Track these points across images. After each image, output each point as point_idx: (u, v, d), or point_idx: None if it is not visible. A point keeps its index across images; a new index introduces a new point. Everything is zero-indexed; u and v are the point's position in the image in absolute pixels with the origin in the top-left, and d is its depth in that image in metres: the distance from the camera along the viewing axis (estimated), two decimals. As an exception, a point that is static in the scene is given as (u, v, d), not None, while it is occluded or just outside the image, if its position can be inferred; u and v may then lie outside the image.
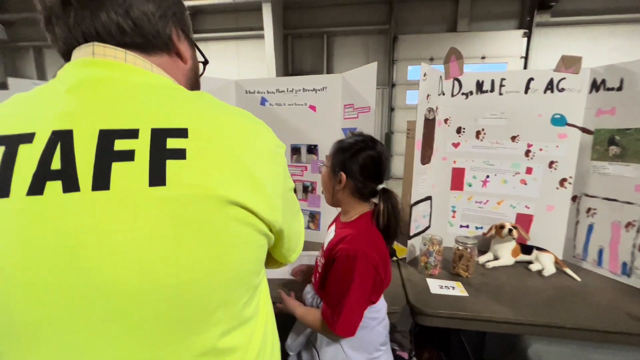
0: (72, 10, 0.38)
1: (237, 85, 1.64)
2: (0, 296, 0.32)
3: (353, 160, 0.81)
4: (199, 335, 0.37)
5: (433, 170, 1.50)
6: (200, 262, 0.34)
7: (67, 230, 0.31)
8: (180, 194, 0.33)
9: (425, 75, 1.29)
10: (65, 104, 0.34)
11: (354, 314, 0.76)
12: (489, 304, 1.09)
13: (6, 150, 0.32)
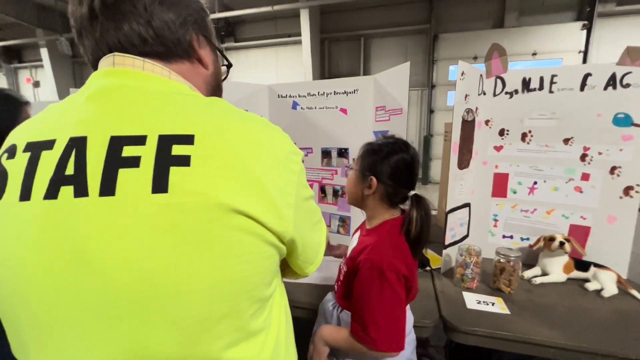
0: (98, 23, 0.39)
1: (270, 90, 1.67)
2: (23, 293, 0.34)
3: (384, 164, 0.77)
4: (202, 347, 0.36)
5: (472, 176, 1.40)
6: (201, 272, 0.34)
7: (76, 234, 0.32)
8: (182, 202, 0.32)
9: (463, 74, 1.21)
10: (84, 111, 0.36)
11: (395, 326, 0.71)
12: (535, 325, 0.98)
13: (31, 157, 0.34)
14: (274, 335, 0.46)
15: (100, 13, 0.39)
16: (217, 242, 0.34)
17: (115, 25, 0.39)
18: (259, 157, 0.38)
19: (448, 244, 1.31)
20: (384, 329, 0.70)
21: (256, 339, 0.42)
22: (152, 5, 0.41)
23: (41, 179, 0.33)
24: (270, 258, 0.41)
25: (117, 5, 0.39)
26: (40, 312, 0.33)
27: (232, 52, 8.27)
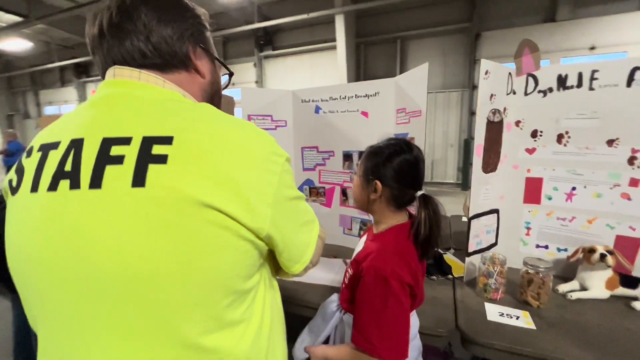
0: (106, 40, 0.45)
1: (294, 95, 1.71)
2: (32, 272, 0.40)
3: (387, 166, 0.76)
4: (179, 330, 0.39)
5: (500, 180, 1.32)
6: (172, 259, 0.37)
7: (69, 222, 0.37)
8: (157, 195, 0.36)
9: (487, 73, 1.15)
10: (84, 117, 0.42)
11: (399, 335, 0.70)
12: (563, 344, 0.89)
13: (42, 156, 0.40)
14: (255, 328, 0.48)
15: (107, 32, 0.45)
16: (188, 233, 0.37)
17: (119, 42, 0.45)
18: (234, 158, 0.41)
19: (472, 252, 1.25)
20: (388, 338, 0.69)
21: (234, 330, 0.45)
22: (150, 23, 0.46)
23: (47, 174, 0.39)
24: (246, 253, 0.43)
25: (120, 24, 0.45)
26: (44, 290, 0.39)
27: (270, 60, 8.58)
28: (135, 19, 0.45)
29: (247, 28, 7.45)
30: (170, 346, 0.40)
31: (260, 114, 1.65)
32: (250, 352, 0.47)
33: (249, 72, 8.76)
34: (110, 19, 0.44)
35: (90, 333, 0.39)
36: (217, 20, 8.84)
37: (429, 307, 1.09)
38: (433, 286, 1.25)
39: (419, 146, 0.82)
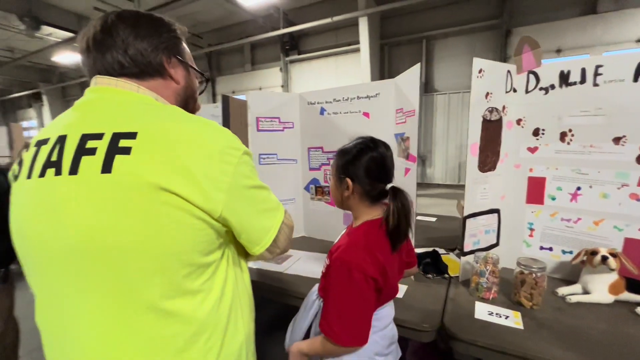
0: (91, 53, 0.55)
1: (300, 97, 1.79)
2: (28, 244, 0.50)
3: (356, 164, 0.80)
4: (142, 292, 0.47)
5: (500, 180, 1.30)
6: (133, 234, 0.45)
7: (53, 202, 0.46)
8: (121, 180, 0.45)
9: (482, 71, 1.16)
10: (69, 117, 0.51)
11: (357, 323, 0.74)
12: (549, 344, 0.88)
13: (36, 150, 0.50)
14: (214, 299, 0.55)
15: (92, 46, 0.54)
16: (147, 211, 0.45)
17: (102, 55, 0.54)
18: (191, 150, 0.48)
19: (468, 251, 1.24)
20: (347, 325, 0.73)
21: (193, 298, 0.52)
22: (128, 38, 0.55)
23: (38, 164, 0.48)
24: (201, 230, 0.50)
25: (103, 40, 0.54)
26: (35, 258, 0.49)
27: (296, 64, 8.76)
28: (114, 36, 0.54)
29: (274, 34, 7.68)
30: (136, 307, 0.48)
31: (268, 116, 1.74)
32: (208, 320, 0.54)
33: (275, 76, 9.01)
34: (95, 36, 0.54)
35: (72, 291, 0.48)
36: (245, 28, 9.15)
37: (418, 303, 1.11)
38: (427, 284, 1.26)
39: (386, 143, 0.85)
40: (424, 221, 2.18)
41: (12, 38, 8.87)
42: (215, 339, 0.56)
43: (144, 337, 0.49)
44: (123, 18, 0.56)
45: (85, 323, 0.49)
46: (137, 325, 0.49)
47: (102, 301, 0.47)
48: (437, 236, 1.81)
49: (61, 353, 0.53)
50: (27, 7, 6.17)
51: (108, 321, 0.48)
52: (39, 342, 0.55)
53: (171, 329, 0.51)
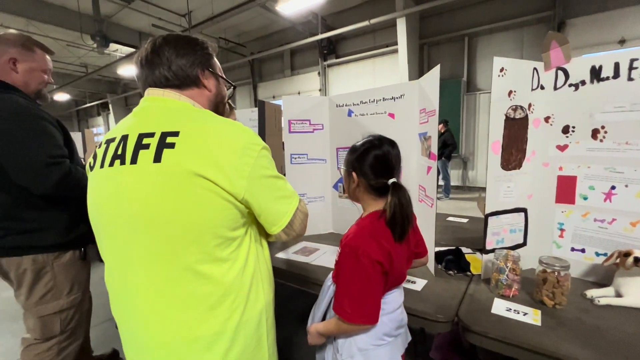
0: (143, 70, 0.70)
1: (330, 100, 1.89)
2: (101, 217, 0.66)
3: (361, 160, 0.88)
4: (182, 256, 0.61)
5: (527, 178, 1.28)
6: (176, 208, 0.58)
7: (119, 184, 0.61)
8: (167, 168, 0.58)
9: (503, 70, 1.16)
10: (129, 121, 0.67)
11: (365, 302, 0.81)
12: (566, 343, 0.87)
13: (106, 146, 0.66)
14: (238, 268, 0.67)
15: (145, 64, 0.69)
16: (186, 192, 0.58)
17: (151, 71, 0.69)
18: (219, 146, 0.61)
19: (490, 249, 1.24)
20: (356, 304, 0.80)
21: (222, 265, 0.64)
22: (171, 57, 0.69)
23: (108, 157, 0.64)
24: (227, 209, 0.62)
25: (151, 59, 0.69)
26: (105, 228, 0.65)
27: (334, 68, 8.91)
28: (161, 55, 0.69)
29: (312, 40, 7.90)
30: (178, 268, 0.61)
31: (300, 118, 1.87)
32: (234, 284, 0.66)
33: (313, 80, 9.24)
34: (146, 56, 0.69)
35: (131, 256, 0.63)
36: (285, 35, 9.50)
37: (435, 296, 1.14)
38: (448, 280, 1.28)
39: (393, 141, 0.92)
40: (455, 222, 2.16)
41: (86, 55, 10.14)
42: (239, 302, 0.68)
43: (184, 292, 0.62)
44: (167, 41, 0.71)
45: (141, 279, 0.63)
46: (179, 282, 0.62)
47: (153, 261, 0.61)
48: (467, 236, 1.80)
49: (123, 305, 0.68)
50: (99, 27, 7.05)
51: (157, 277, 0.62)
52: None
53: (205, 289, 0.63)
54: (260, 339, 0.74)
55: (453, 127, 6.74)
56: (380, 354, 0.86)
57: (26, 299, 1.25)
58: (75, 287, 1.34)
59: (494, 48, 6.72)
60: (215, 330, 0.66)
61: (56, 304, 1.29)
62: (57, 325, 1.31)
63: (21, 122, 1.12)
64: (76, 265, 1.32)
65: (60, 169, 1.15)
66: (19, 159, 1.10)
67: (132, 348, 0.71)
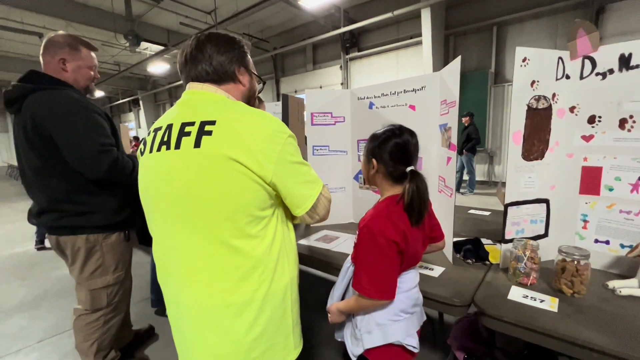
0: (187, 65, 0.78)
1: (351, 93, 1.93)
2: (150, 197, 0.76)
3: (382, 148, 0.93)
4: (217, 231, 0.69)
5: (550, 169, 1.28)
6: (213, 189, 0.67)
7: (165, 167, 0.71)
8: (206, 153, 0.66)
9: (526, 60, 1.17)
10: (173, 112, 0.76)
11: (382, 279, 0.87)
12: (581, 327, 0.89)
13: (153, 134, 0.75)
14: (266, 244, 0.75)
15: (189, 60, 0.77)
16: (221, 174, 0.66)
17: (195, 66, 0.77)
18: (250, 133, 0.68)
19: (509, 239, 1.26)
20: (374, 280, 0.86)
21: (252, 241, 0.72)
22: (212, 53, 0.77)
23: (156, 143, 0.73)
24: (257, 191, 0.70)
25: (195, 55, 0.77)
26: (153, 206, 0.75)
27: (356, 61, 8.86)
28: (204, 52, 0.76)
29: (334, 33, 7.89)
30: (214, 241, 0.70)
31: (322, 111, 1.93)
32: (262, 258, 0.74)
33: (335, 74, 9.23)
34: (191, 52, 0.77)
35: (174, 229, 0.72)
36: (308, 29, 9.53)
37: (452, 283, 1.18)
38: (466, 268, 1.31)
39: (412, 131, 0.97)
40: (476, 214, 2.15)
41: (119, 54, 10.66)
42: (267, 275, 0.76)
43: (219, 263, 0.71)
44: (210, 39, 0.78)
45: (183, 250, 0.72)
46: (215, 254, 0.71)
47: (193, 234, 0.70)
48: (488, 228, 1.80)
49: (169, 273, 0.78)
50: (130, 26, 7.40)
51: (197, 249, 0.71)
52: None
53: (236, 261, 0.72)
54: (285, 310, 0.81)
55: (479, 120, 6.55)
56: (396, 329, 0.91)
57: (79, 273, 1.41)
58: (120, 265, 1.49)
59: (525, 37, 6.43)
60: (246, 299, 0.74)
61: (104, 279, 1.45)
62: (104, 298, 1.47)
63: (76, 114, 1.27)
64: (121, 246, 1.48)
65: (109, 156, 1.28)
66: (76, 148, 1.24)
67: (176, 311, 0.80)
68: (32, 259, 3.59)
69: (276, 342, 0.80)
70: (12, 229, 4.84)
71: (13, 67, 11.05)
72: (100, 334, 1.49)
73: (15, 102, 1.30)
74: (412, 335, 0.94)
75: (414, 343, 0.93)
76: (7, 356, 1.94)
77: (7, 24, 7.91)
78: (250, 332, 0.75)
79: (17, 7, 6.82)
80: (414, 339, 0.94)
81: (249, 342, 0.75)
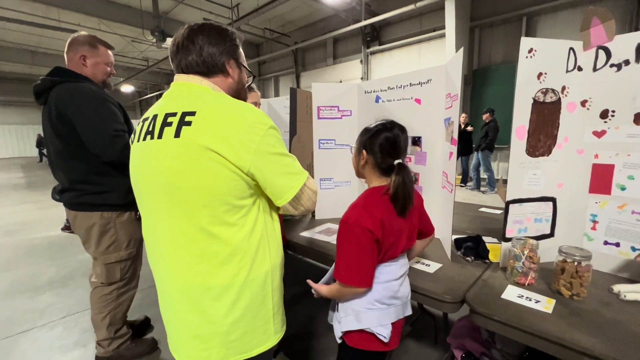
0: (178, 54, 0.80)
1: (358, 87, 1.92)
2: (137, 184, 0.80)
3: (373, 140, 0.94)
4: (196, 218, 0.73)
5: (557, 166, 1.22)
6: (192, 177, 0.70)
7: (151, 155, 0.74)
8: (185, 142, 0.70)
9: (532, 51, 1.12)
10: (160, 103, 0.79)
11: (359, 268, 0.89)
12: (575, 330, 0.86)
13: (142, 124, 0.79)
14: (245, 232, 0.77)
15: (180, 49, 0.79)
16: (199, 164, 0.69)
17: (185, 56, 0.79)
18: (229, 124, 0.70)
19: (509, 237, 1.22)
20: (350, 268, 0.89)
21: (231, 228, 0.75)
22: (203, 45, 0.79)
23: (143, 132, 0.77)
24: (234, 180, 0.72)
25: (186, 45, 0.79)
26: (140, 191, 0.79)
27: (377, 55, 8.72)
28: (195, 42, 0.79)
29: (356, 26, 7.80)
30: (194, 227, 0.73)
31: (328, 105, 1.93)
32: (240, 245, 0.77)
33: (356, 69, 9.14)
34: (182, 41, 0.79)
35: (158, 214, 0.77)
36: (328, 23, 9.48)
37: (447, 279, 1.16)
38: (464, 265, 1.28)
39: (403, 126, 0.98)
40: (486, 213, 2.09)
41: (147, 50, 11.08)
42: (245, 261, 0.79)
43: (198, 248, 0.75)
44: (202, 29, 0.80)
45: (165, 234, 0.77)
46: (194, 239, 0.74)
47: (174, 220, 0.74)
48: (496, 227, 1.74)
49: (154, 255, 0.83)
50: (157, 23, 7.67)
51: (177, 234, 0.75)
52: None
53: (215, 247, 0.75)
54: (266, 296, 0.84)
55: (504, 115, 6.28)
56: (369, 317, 0.94)
57: (95, 248, 1.56)
58: (132, 242, 1.65)
59: (558, 29, 6.07)
60: (225, 283, 0.77)
61: (117, 254, 1.60)
62: (117, 272, 1.63)
63: (94, 104, 1.42)
64: (132, 224, 1.63)
65: (122, 140, 1.42)
66: (92, 132, 1.40)
67: (162, 294, 0.86)
68: (62, 242, 3.86)
69: (255, 326, 0.83)
70: (47, 214, 5.21)
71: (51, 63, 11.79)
72: (113, 307, 1.64)
73: (42, 94, 1.47)
74: (384, 326, 0.95)
75: (384, 333, 0.95)
76: (34, 329, 2.12)
77: (46, 22, 8.43)
78: (229, 315, 0.78)
79: (54, 6, 7.26)
80: (386, 330, 0.95)
81: (227, 324, 0.78)
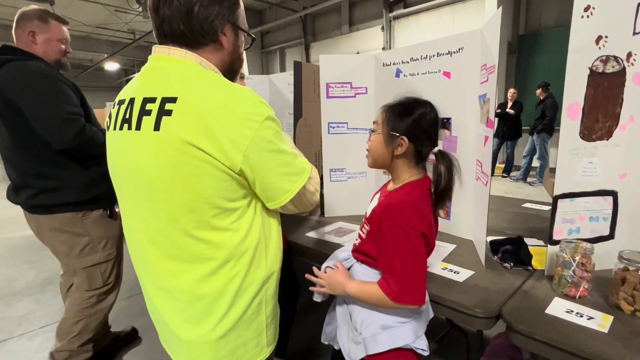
0: (159, 12, 0.73)
1: (376, 59, 1.87)
2: (115, 178, 0.80)
3: (416, 124, 0.92)
4: (180, 223, 0.72)
5: (619, 152, 1.16)
6: (173, 177, 0.69)
7: (128, 149, 0.74)
8: (165, 136, 0.68)
9: (589, 8, 1.05)
10: (136, 82, 0.78)
11: (415, 280, 0.87)
12: (637, 357, 0.81)
13: (117, 108, 0.79)
14: (239, 238, 0.77)
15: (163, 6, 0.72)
16: (181, 161, 0.68)
17: (169, 20, 0.73)
18: (217, 116, 0.67)
19: (557, 240, 1.17)
20: (408, 282, 0.86)
21: (223, 233, 0.75)
22: (193, 7, 0.72)
23: (119, 119, 0.77)
24: (223, 180, 0.71)
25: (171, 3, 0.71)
26: (118, 185, 0.80)
27: (401, 21, 8.53)
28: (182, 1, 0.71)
29: (375, -14, 7.64)
30: (179, 231, 0.73)
31: (339, 81, 1.89)
32: (234, 252, 0.77)
33: (376, 37, 8.97)
34: None
35: (137, 213, 0.77)
36: (345, -17, 9.23)
37: (480, 290, 1.13)
38: (501, 273, 1.24)
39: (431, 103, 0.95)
40: (531, 209, 2.03)
41: (133, 21, 11.20)
42: (239, 268, 0.78)
43: (187, 253, 0.75)
44: None
45: (149, 236, 0.77)
46: (181, 244, 0.75)
47: (157, 222, 0.74)
48: (543, 226, 1.69)
49: (136, 254, 0.85)
50: (143, -11, 7.72)
51: (162, 239, 0.76)
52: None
53: (207, 253, 0.75)
54: (260, 306, 0.84)
55: (558, 90, 6.04)
56: (404, 332, 0.93)
57: (68, 254, 1.62)
58: (109, 243, 1.71)
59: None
60: (217, 292, 0.78)
61: (94, 257, 1.66)
62: (99, 277, 1.69)
63: (42, 83, 1.44)
64: (104, 222, 1.68)
65: (75, 124, 1.45)
66: (42, 115, 1.42)
67: (146, 295, 0.89)
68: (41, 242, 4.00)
69: (247, 339, 0.84)
70: (25, 211, 5.42)
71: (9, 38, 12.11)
72: (89, 314, 1.70)
73: None
74: (421, 337, 0.95)
75: (423, 345, 0.95)
76: (11, 339, 2.22)
77: (19, -9, 8.62)
78: (219, 328, 0.79)
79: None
80: (423, 341, 0.95)
81: (217, 339, 0.80)
